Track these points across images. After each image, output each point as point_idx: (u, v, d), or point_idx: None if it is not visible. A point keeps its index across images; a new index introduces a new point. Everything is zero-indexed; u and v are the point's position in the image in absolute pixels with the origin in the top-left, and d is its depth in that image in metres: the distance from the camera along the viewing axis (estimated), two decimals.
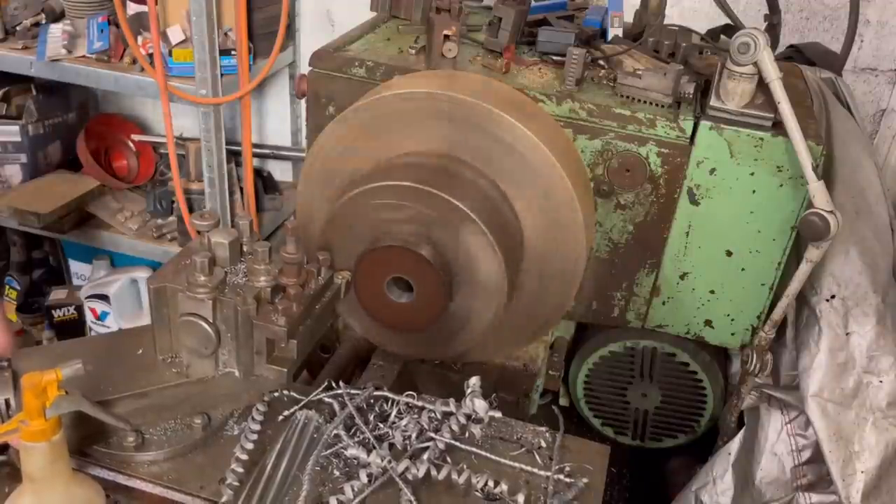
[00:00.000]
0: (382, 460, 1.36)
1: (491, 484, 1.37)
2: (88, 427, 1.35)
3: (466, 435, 1.46)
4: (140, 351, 1.50)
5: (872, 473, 1.70)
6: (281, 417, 1.50)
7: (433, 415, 1.48)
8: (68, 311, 3.11)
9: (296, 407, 1.51)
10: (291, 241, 1.39)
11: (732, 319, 1.95)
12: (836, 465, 1.72)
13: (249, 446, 1.40)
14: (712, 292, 1.93)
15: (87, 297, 3.08)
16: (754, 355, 1.91)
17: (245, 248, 1.48)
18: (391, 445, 1.43)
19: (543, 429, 1.54)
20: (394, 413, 1.50)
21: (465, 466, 1.40)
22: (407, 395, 1.52)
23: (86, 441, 1.37)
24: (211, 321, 1.38)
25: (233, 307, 1.37)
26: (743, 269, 1.88)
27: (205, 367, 1.45)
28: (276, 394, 1.53)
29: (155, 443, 1.41)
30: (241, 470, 1.35)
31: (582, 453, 1.51)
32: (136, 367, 1.47)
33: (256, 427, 1.44)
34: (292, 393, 1.53)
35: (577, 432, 2.36)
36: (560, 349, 2.18)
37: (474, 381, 1.47)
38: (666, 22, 2.17)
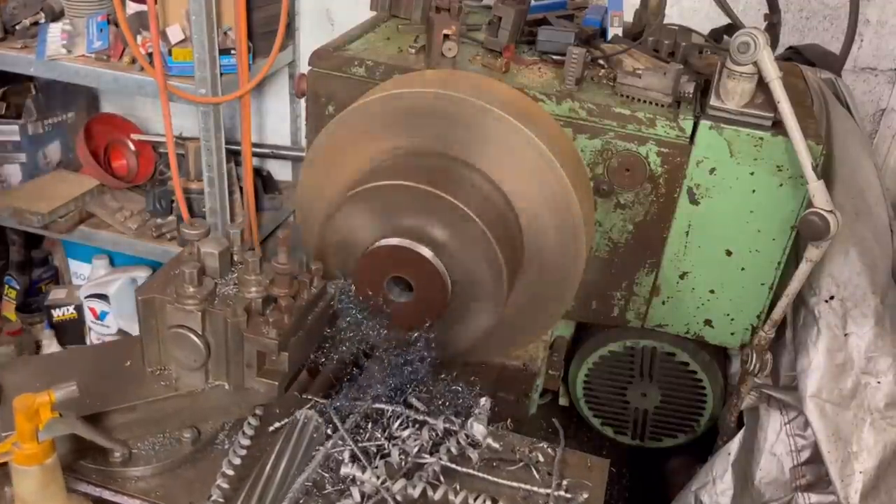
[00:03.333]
0: (378, 479, 1.32)
1: (489, 503, 1.33)
2: (75, 442, 1.32)
3: (466, 454, 1.42)
4: (128, 363, 1.47)
5: (871, 474, 1.70)
6: (272, 429, 1.45)
7: (434, 432, 1.43)
8: (68, 310, 3.11)
9: (285, 420, 1.46)
10: (283, 251, 1.36)
11: (732, 319, 1.95)
12: (835, 465, 1.72)
13: (237, 461, 1.36)
14: (712, 292, 1.93)
15: (86, 297, 3.08)
16: (754, 355, 1.91)
17: (236, 258, 1.44)
18: (387, 462, 1.38)
19: (542, 443, 1.50)
20: (395, 426, 1.45)
21: (458, 487, 1.35)
22: (409, 408, 1.47)
23: (72, 456, 1.33)
24: (200, 333, 1.35)
25: (222, 319, 1.34)
26: (743, 269, 1.88)
27: (194, 379, 1.42)
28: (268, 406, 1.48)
29: (143, 458, 1.37)
30: (226, 486, 1.31)
31: (580, 467, 1.47)
32: (124, 379, 1.43)
33: (246, 441, 1.41)
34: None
35: (577, 432, 2.37)
36: (560, 349, 2.18)
37: (484, 402, 1.43)
38: (665, 21, 2.17)
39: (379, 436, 1.43)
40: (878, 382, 1.75)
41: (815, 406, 1.76)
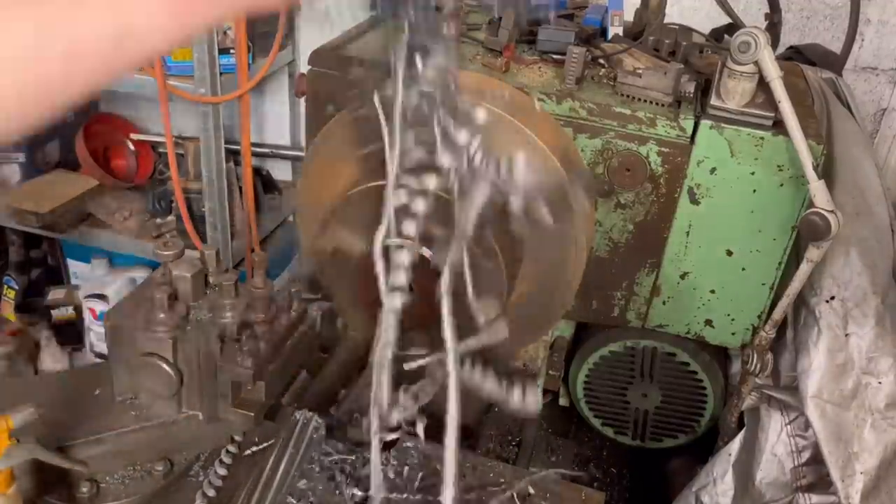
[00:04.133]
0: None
1: None
2: (40, 475, 1.25)
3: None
4: (97, 391, 1.38)
5: (872, 474, 1.70)
6: (248, 452, 1.39)
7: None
8: (67, 310, 3.10)
9: (264, 444, 1.40)
10: (259, 273, 1.29)
11: (733, 319, 1.95)
12: (836, 466, 1.72)
13: (211, 493, 1.30)
14: (713, 292, 1.93)
15: (85, 297, 3.07)
16: (755, 355, 1.91)
17: (212, 280, 1.36)
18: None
19: (537, 474, 1.41)
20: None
21: None
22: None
23: (35, 491, 1.26)
24: (171, 361, 1.27)
25: (195, 347, 1.26)
26: (743, 269, 1.87)
27: (166, 409, 1.33)
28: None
29: (111, 492, 1.29)
30: None
31: (575, 501, 1.39)
32: (93, 409, 1.34)
33: (223, 471, 1.34)
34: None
35: (577, 432, 2.37)
36: (560, 349, 2.17)
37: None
38: (666, 21, 2.16)
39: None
40: (879, 383, 1.75)
41: (816, 406, 1.75)
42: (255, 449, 1.41)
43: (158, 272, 1.35)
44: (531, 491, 1.38)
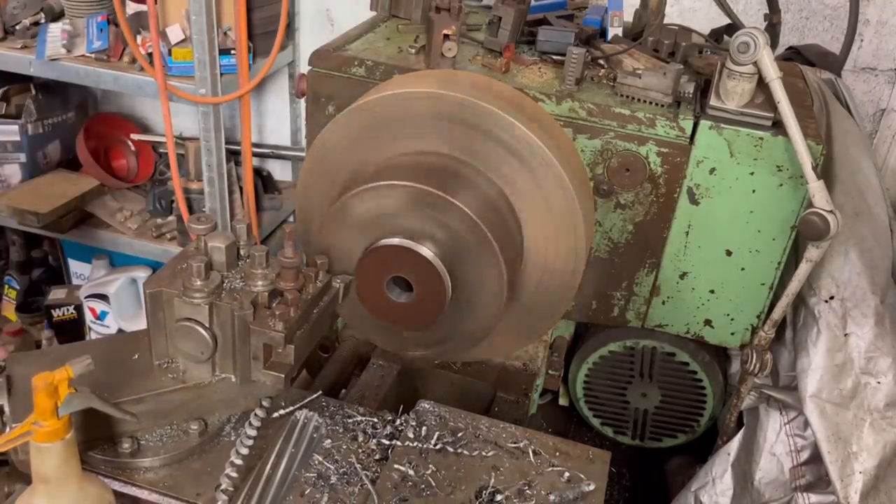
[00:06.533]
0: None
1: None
2: (83, 433, 1.33)
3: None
4: (136, 356, 1.48)
5: (870, 474, 1.70)
6: (276, 415, 1.49)
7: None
8: (67, 310, 3.11)
9: (290, 407, 1.50)
10: (289, 245, 1.38)
11: (732, 319, 1.95)
12: (835, 465, 1.72)
13: (245, 451, 1.39)
14: (712, 292, 1.93)
15: (86, 297, 3.08)
16: (754, 355, 1.91)
17: (242, 252, 1.46)
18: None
19: (542, 434, 1.52)
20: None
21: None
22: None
23: (81, 447, 1.34)
24: (207, 326, 1.37)
25: (229, 312, 1.35)
26: (743, 269, 1.88)
27: (201, 372, 1.44)
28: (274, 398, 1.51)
29: (151, 449, 1.40)
30: (235, 475, 1.34)
31: (582, 458, 1.49)
32: (132, 372, 1.45)
33: (253, 432, 1.43)
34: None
35: (577, 432, 2.37)
36: (560, 349, 2.18)
37: None
38: (665, 21, 2.17)
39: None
40: (878, 383, 1.75)
41: (815, 406, 1.76)
42: (282, 412, 1.51)
43: (193, 244, 1.46)
44: (541, 451, 1.49)
